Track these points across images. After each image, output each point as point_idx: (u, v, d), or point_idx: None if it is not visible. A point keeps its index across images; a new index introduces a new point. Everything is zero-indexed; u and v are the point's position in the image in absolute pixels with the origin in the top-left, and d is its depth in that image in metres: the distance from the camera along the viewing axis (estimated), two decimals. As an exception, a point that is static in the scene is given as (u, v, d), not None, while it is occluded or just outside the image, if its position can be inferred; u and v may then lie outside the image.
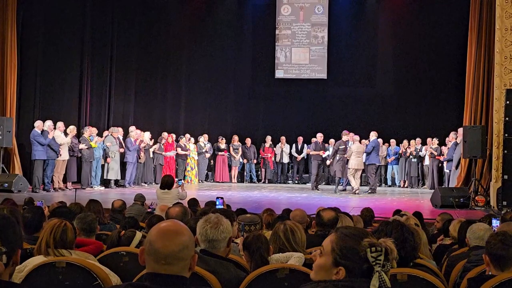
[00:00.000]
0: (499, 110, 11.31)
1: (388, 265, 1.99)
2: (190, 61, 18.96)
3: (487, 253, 3.35)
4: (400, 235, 3.12)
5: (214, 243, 3.25)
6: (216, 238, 3.27)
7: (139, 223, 5.56)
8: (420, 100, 17.74)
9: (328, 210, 4.95)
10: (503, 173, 10.81)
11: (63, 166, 13.66)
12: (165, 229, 2.07)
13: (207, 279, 3.00)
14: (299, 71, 18.63)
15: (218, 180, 17.55)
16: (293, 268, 3.32)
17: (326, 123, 17.94)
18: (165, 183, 8.38)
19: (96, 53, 16.99)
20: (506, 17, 11.34)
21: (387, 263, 1.99)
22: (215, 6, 18.88)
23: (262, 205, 10.26)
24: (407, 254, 3.16)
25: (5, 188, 12.27)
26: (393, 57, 18.18)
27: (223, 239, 3.29)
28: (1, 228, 1.97)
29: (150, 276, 2.03)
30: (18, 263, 2.06)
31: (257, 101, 19.03)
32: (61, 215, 4.68)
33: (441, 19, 17.15)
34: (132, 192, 11.28)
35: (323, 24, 18.51)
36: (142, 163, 15.80)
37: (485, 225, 4.53)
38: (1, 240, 1.95)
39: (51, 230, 3.67)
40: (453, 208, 10.59)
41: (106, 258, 3.85)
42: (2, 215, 2.03)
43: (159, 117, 18.69)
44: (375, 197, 13.74)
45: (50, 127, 13.28)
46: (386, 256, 1.99)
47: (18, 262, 2.05)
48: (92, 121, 16.37)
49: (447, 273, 4.05)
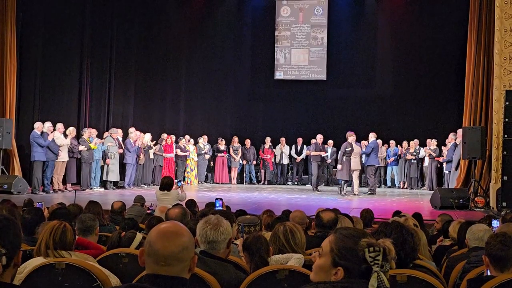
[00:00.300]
0: (498, 111, 11.31)
1: (386, 266, 1.99)
2: (190, 62, 18.97)
3: (487, 254, 3.35)
4: (400, 236, 3.12)
5: (214, 244, 3.25)
6: (216, 240, 3.27)
7: (139, 224, 5.56)
8: (420, 101, 17.74)
9: (327, 211, 4.95)
10: (502, 174, 10.81)
11: (62, 167, 13.66)
12: (165, 230, 2.07)
13: (206, 281, 3.00)
14: (299, 72, 18.65)
15: (218, 181, 17.55)
16: (292, 269, 3.32)
17: (326, 124, 17.95)
18: (165, 185, 8.37)
19: (96, 55, 17.00)
20: (505, 18, 11.35)
21: (385, 264, 1.99)
22: (215, 8, 18.90)
23: (262, 206, 10.26)
24: (406, 255, 3.16)
25: (5, 189, 12.27)
26: (393, 58, 18.19)
27: (223, 240, 3.29)
28: (2, 229, 1.97)
29: (149, 277, 2.03)
30: (19, 264, 2.05)
31: (256, 102, 19.03)
32: (61, 217, 4.69)
33: (440, 20, 17.16)
34: (132, 194, 11.29)
35: (322, 25, 18.53)
36: (142, 165, 15.79)
37: (484, 226, 4.53)
38: (2, 241, 1.95)
39: (51, 232, 3.67)
40: (452, 209, 10.59)
41: (106, 260, 3.85)
42: (3, 216, 2.03)
43: (158, 118, 18.69)
44: (374, 198, 13.74)
45: (49, 128, 13.29)
46: (384, 256, 1.99)
47: (19, 263, 2.05)
48: (91, 122, 16.37)
49: (447, 274, 4.05)
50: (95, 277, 3.27)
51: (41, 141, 12.88)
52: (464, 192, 11.61)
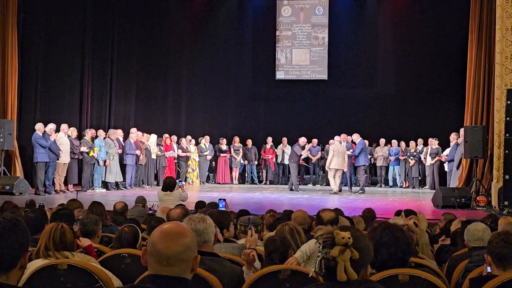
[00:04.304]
0: (500, 110, 11.30)
1: (328, 252, 2.03)
2: (191, 63, 18.97)
3: (489, 253, 3.34)
4: (391, 237, 3.10)
5: (205, 236, 3.27)
6: (206, 231, 3.28)
7: (141, 225, 5.57)
8: (421, 101, 17.71)
9: (327, 211, 4.95)
10: (504, 173, 10.80)
11: (64, 168, 13.67)
12: (168, 230, 2.07)
13: (208, 280, 3.00)
14: (300, 72, 18.64)
15: (220, 181, 17.53)
16: (294, 269, 3.32)
17: (327, 124, 17.94)
18: (167, 185, 8.37)
19: (97, 55, 17.00)
20: (506, 17, 11.33)
21: (328, 250, 2.02)
22: (216, 8, 18.89)
23: (264, 206, 10.27)
24: (404, 253, 3.15)
25: (7, 190, 12.27)
26: (394, 57, 18.16)
27: (212, 231, 3.32)
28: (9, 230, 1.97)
29: (152, 278, 2.03)
30: (26, 267, 2.05)
31: (258, 103, 19.02)
32: (62, 218, 4.69)
33: (441, 20, 17.14)
34: (133, 194, 11.29)
35: (323, 25, 18.51)
36: (143, 165, 15.78)
37: (482, 224, 4.50)
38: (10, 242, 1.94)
39: (49, 234, 3.67)
40: (454, 209, 10.58)
41: (108, 260, 3.85)
42: (10, 217, 2.02)
43: (160, 118, 18.68)
44: (376, 197, 13.75)
45: (51, 130, 13.29)
46: (333, 244, 2.02)
47: (26, 266, 2.04)
48: (93, 123, 16.36)
49: (449, 273, 4.05)
50: (97, 277, 3.28)
51: (43, 142, 12.89)
52: (466, 191, 11.60)
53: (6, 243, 1.93)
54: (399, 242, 3.12)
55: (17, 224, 2.00)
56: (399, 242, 3.12)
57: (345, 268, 2.03)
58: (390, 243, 3.09)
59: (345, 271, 2.04)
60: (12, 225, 1.98)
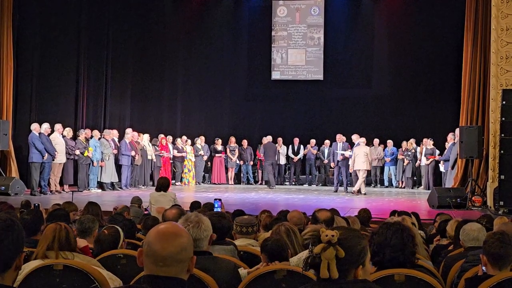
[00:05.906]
0: (495, 110, 11.33)
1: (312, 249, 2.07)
2: (187, 63, 18.95)
3: (484, 253, 3.35)
4: (400, 241, 3.11)
5: (197, 242, 3.22)
6: (199, 237, 3.26)
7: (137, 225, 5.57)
8: (417, 101, 17.74)
9: (323, 211, 4.95)
10: (499, 173, 10.82)
11: (59, 168, 13.64)
12: (163, 231, 2.07)
13: (204, 281, 3.00)
14: (296, 73, 18.65)
15: (215, 181, 17.52)
16: (291, 270, 3.32)
17: (323, 124, 17.96)
18: (161, 185, 8.35)
19: (93, 56, 16.97)
20: (502, 18, 11.36)
21: (312, 247, 2.07)
22: (212, 8, 18.88)
23: (260, 206, 10.26)
24: (406, 259, 3.16)
25: (2, 191, 12.25)
26: (390, 57, 18.19)
27: (205, 237, 3.30)
28: (4, 231, 1.96)
29: (148, 278, 2.03)
30: (21, 267, 2.04)
31: (253, 103, 19.02)
32: (58, 218, 4.68)
33: (437, 20, 17.17)
34: (129, 195, 11.27)
35: (319, 25, 18.53)
36: (139, 165, 15.75)
37: (477, 224, 4.51)
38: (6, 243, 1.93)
39: (54, 234, 3.65)
40: (450, 209, 10.61)
41: (103, 261, 3.85)
42: (6, 218, 2.01)
43: (155, 119, 18.66)
44: (372, 197, 13.77)
45: (46, 130, 13.27)
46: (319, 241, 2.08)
47: (21, 266, 2.04)
48: (88, 123, 16.31)
49: (444, 273, 4.05)
50: (93, 278, 3.27)
51: (39, 143, 12.86)
52: (461, 192, 11.64)
53: (2, 244, 1.93)
54: (405, 248, 3.13)
55: (12, 224, 1.99)
56: (405, 249, 3.13)
57: (329, 266, 2.05)
58: (397, 247, 3.11)
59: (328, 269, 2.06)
60: (7, 225, 1.97)
